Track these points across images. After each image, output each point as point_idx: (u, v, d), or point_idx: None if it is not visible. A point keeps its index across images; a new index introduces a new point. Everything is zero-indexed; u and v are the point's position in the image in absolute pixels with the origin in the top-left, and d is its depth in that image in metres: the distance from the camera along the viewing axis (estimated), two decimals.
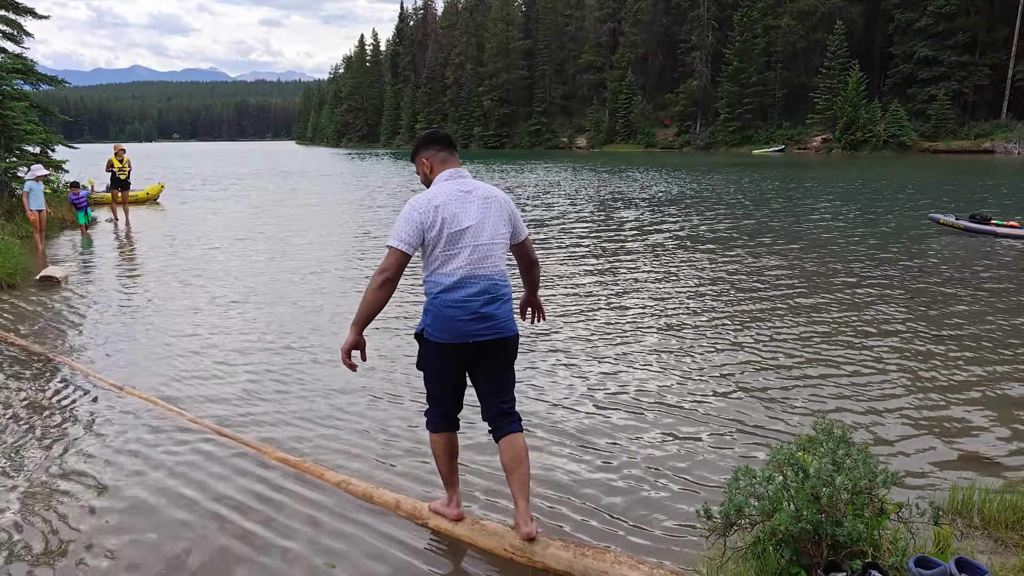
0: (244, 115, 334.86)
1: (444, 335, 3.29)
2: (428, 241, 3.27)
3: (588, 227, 15.68)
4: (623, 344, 6.91)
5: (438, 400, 3.52)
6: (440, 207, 3.27)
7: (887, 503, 2.93)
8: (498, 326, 3.32)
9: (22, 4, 17.08)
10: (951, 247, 12.33)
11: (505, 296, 3.38)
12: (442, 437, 3.56)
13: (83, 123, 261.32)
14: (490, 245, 3.32)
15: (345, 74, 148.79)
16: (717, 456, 4.50)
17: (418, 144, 3.53)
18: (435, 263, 3.30)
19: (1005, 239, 13.01)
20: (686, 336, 7.14)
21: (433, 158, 3.48)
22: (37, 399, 5.64)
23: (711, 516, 2.98)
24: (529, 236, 3.62)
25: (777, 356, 6.44)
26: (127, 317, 8.22)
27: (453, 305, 3.25)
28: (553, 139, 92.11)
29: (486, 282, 3.29)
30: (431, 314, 3.33)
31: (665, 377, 5.97)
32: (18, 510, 3.94)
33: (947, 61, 55.67)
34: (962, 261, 11.04)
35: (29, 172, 13.59)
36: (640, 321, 7.75)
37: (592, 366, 6.27)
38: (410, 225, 3.24)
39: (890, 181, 28.51)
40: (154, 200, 23.14)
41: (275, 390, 5.76)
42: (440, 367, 3.42)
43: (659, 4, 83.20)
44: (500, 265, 3.37)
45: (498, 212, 3.39)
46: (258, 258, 12.04)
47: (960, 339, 6.89)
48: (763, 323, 7.56)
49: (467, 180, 3.42)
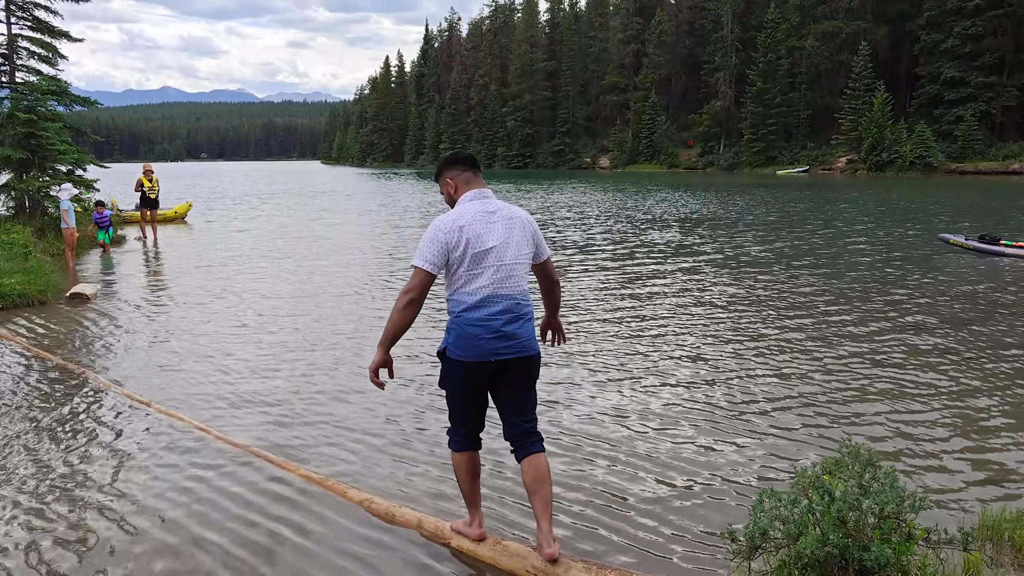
0: (271, 135, 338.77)
1: (467, 353, 3.31)
2: (452, 261, 3.30)
3: (617, 247, 15.67)
4: (649, 362, 6.87)
5: (460, 419, 3.52)
6: (465, 227, 3.30)
7: (915, 528, 2.88)
8: (520, 345, 3.33)
9: (57, 28, 17.49)
10: (966, 267, 12.17)
11: (527, 315, 3.39)
12: (464, 456, 3.56)
13: (114, 143, 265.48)
14: (513, 265, 3.34)
15: (370, 95, 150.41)
16: (742, 478, 4.45)
17: (442, 164, 3.56)
18: (459, 282, 3.32)
19: (1013, 259, 12.97)
20: (713, 356, 7.10)
21: (457, 178, 3.50)
22: (66, 413, 5.72)
23: (735, 539, 2.95)
24: (551, 257, 3.63)
25: (803, 377, 6.38)
26: (154, 334, 8.32)
27: (475, 323, 3.27)
28: (576, 159, 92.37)
29: (508, 301, 3.31)
30: (454, 332, 3.34)
31: (690, 397, 5.93)
32: (41, 524, 3.99)
33: (974, 82, 55.25)
34: (981, 282, 10.89)
35: (62, 190, 13.85)
36: (667, 340, 7.71)
37: (617, 384, 6.24)
38: (435, 245, 3.27)
39: (921, 202, 28.24)
40: (182, 219, 23.46)
41: (299, 409, 5.80)
42: (462, 385, 3.42)
43: (683, 26, 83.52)
44: (523, 285, 3.38)
45: (521, 232, 3.41)
46: (284, 278, 12.14)
47: (987, 360, 6.78)
48: (789, 344, 7.50)
49: (491, 201, 3.45)
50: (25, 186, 16.31)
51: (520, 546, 3.53)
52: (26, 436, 5.25)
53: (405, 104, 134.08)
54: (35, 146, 16.19)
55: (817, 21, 66.62)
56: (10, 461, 4.81)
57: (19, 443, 5.12)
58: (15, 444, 5.10)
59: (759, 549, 2.93)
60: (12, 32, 16.87)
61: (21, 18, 17.06)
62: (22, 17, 17.07)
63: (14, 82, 16.84)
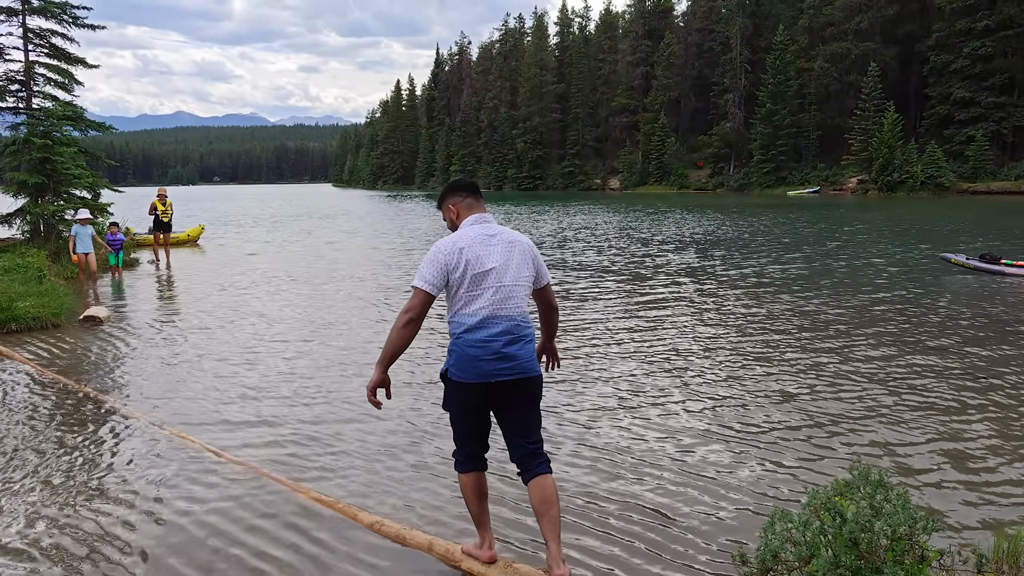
0: (283, 159, 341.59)
1: (467, 375, 3.34)
2: (452, 282, 3.36)
3: (635, 267, 15.67)
4: (659, 383, 6.86)
5: (464, 440, 3.54)
6: (464, 249, 3.37)
7: (928, 550, 2.86)
8: (520, 366, 3.36)
9: (74, 55, 17.74)
10: (977, 287, 12.10)
11: (527, 337, 3.41)
12: (470, 477, 3.57)
13: (128, 167, 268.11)
14: (513, 286, 3.38)
15: (381, 118, 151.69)
16: (753, 499, 4.43)
17: (444, 191, 3.64)
18: (458, 303, 3.37)
19: (1014, 278, 13.08)
20: (723, 377, 7.08)
21: (459, 204, 3.58)
22: (74, 434, 5.75)
23: (746, 561, 2.94)
24: (551, 283, 3.67)
25: (813, 398, 6.35)
26: (166, 358, 8.36)
27: (475, 345, 3.31)
28: (586, 181, 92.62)
29: (508, 323, 3.35)
30: (455, 354, 3.38)
31: (702, 416, 5.91)
32: (55, 543, 4.01)
33: (984, 102, 55.16)
34: (990, 302, 10.83)
35: (76, 215, 14.00)
36: (678, 361, 7.70)
37: (630, 402, 6.23)
38: (435, 267, 3.34)
39: (933, 223, 28.15)
40: (194, 242, 23.64)
41: (308, 433, 5.80)
42: (464, 407, 3.45)
43: (691, 48, 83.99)
44: (522, 307, 3.42)
45: (521, 255, 3.46)
46: (295, 301, 12.19)
47: (1000, 382, 6.73)
48: (800, 364, 7.47)
49: (492, 225, 3.51)
50: (40, 210, 16.48)
51: (531, 568, 3.52)
52: (35, 456, 5.28)
53: (416, 127, 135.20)
54: (50, 171, 16.37)
55: (826, 43, 66.83)
56: (18, 478, 4.84)
57: (27, 462, 5.15)
58: (25, 463, 5.13)
59: (771, 571, 2.91)
60: (29, 60, 17.12)
61: (39, 46, 17.32)
62: (39, 45, 17.33)
63: (31, 108, 17.06)
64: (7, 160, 16.86)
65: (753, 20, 75.65)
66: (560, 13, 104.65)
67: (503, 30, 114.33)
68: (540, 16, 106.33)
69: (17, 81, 17.15)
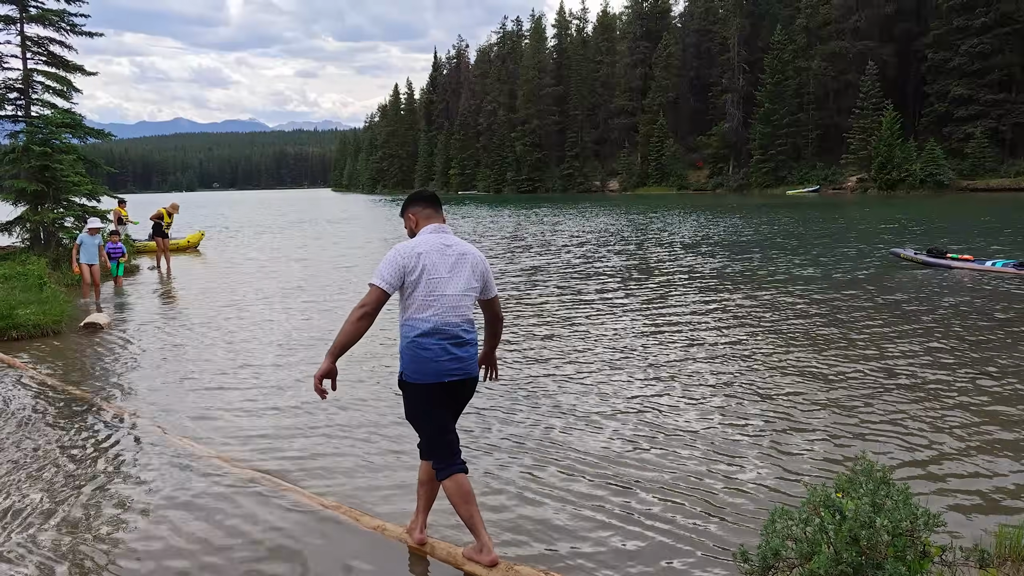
0: (282, 164, 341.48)
1: (425, 376, 3.53)
2: (407, 284, 3.55)
3: (636, 267, 15.68)
4: (659, 381, 6.86)
5: (435, 444, 3.68)
6: (422, 255, 3.57)
7: (930, 545, 2.86)
8: (467, 367, 3.60)
9: (72, 62, 17.76)
10: (968, 283, 12.10)
11: (472, 341, 3.65)
12: (453, 482, 3.64)
13: (127, 174, 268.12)
14: (462, 296, 3.60)
15: (380, 122, 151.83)
16: (753, 497, 4.42)
17: (407, 200, 3.86)
18: (412, 307, 3.56)
19: (959, 270, 13.70)
20: (724, 373, 7.07)
21: (419, 214, 3.79)
22: (75, 440, 5.75)
23: (747, 559, 2.94)
24: (497, 296, 3.88)
25: (814, 396, 6.34)
26: (168, 363, 8.37)
27: (428, 347, 3.51)
28: (585, 183, 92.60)
29: (455, 328, 3.56)
30: (407, 356, 3.57)
31: (700, 414, 5.91)
32: (57, 549, 4.01)
33: (983, 99, 55.13)
34: (985, 297, 10.83)
35: (87, 224, 13.79)
36: (678, 360, 7.69)
37: (626, 402, 6.23)
38: (392, 267, 3.53)
39: (930, 220, 28.15)
40: (194, 248, 23.66)
41: (310, 438, 5.80)
42: (425, 408, 3.61)
43: (689, 49, 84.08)
44: (468, 315, 3.64)
45: (471, 268, 3.67)
46: (297, 307, 12.18)
47: (1005, 378, 6.73)
48: (800, 362, 7.47)
49: (448, 235, 3.72)
50: (40, 218, 16.49)
51: (532, 570, 3.51)
52: (37, 463, 5.28)
53: (414, 131, 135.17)
54: (49, 178, 16.39)
55: (823, 42, 66.91)
56: (19, 485, 4.83)
57: (29, 470, 5.14)
58: (28, 471, 5.13)
59: (772, 569, 2.90)
60: (28, 67, 17.13)
61: (37, 53, 17.34)
62: (37, 52, 17.35)
63: (29, 115, 17.08)
64: (6, 168, 16.86)
65: (750, 20, 75.74)
66: (557, 15, 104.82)
67: (500, 33, 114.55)
68: (538, 19, 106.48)
69: (16, 89, 17.17)
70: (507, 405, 6.39)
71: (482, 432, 5.72)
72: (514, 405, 6.39)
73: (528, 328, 9.64)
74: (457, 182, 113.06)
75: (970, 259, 14.05)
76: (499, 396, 6.61)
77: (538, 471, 4.92)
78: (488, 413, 6.17)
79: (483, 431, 5.75)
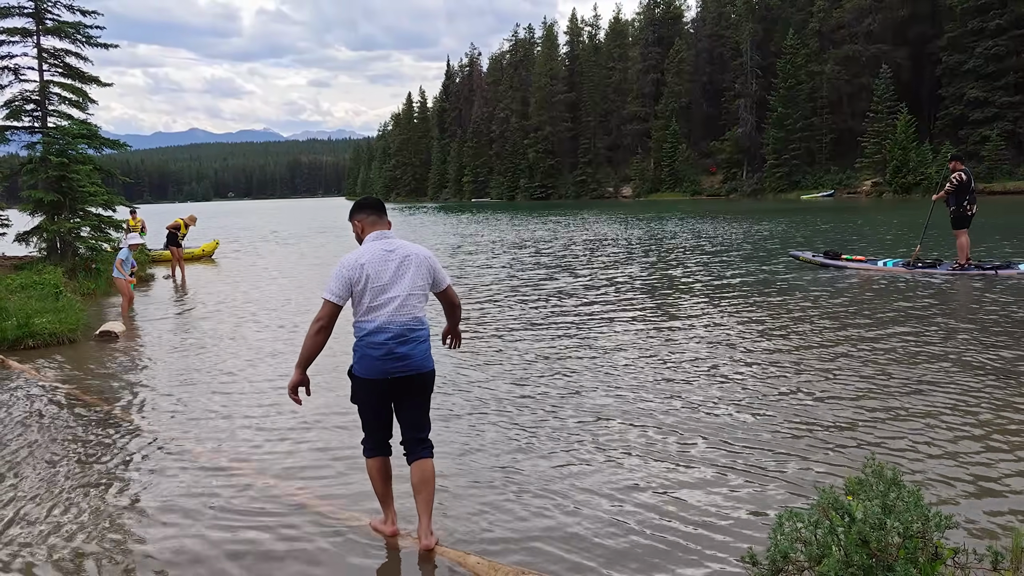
0: (296, 173, 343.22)
1: (369, 372, 3.83)
2: (355, 293, 3.82)
3: (648, 272, 15.65)
4: (669, 385, 6.82)
5: (370, 428, 4.02)
6: (365, 264, 3.82)
7: (942, 547, 2.83)
8: (411, 364, 3.85)
9: (87, 73, 17.95)
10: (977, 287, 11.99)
11: (419, 338, 3.89)
12: (376, 462, 4.04)
13: (143, 185, 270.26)
14: (407, 296, 3.84)
15: (393, 131, 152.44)
16: (762, 499, 4.39)
17: (352, 208, 4.10)
18: (360, 311, 3.84)
19: (853, 271, 14.40)
20: (734, 375, 7.03)
21: (364, 220, 4.03)
22: (93, 450, 5.79)
23: (756, 562, 2.92)
24: (451, 284, 4.15)
25: (824, 398, 6.29)
26: (182, 372, 8.42)
27: (373, 347, 3.80)
28: (599, 189, 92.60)
29: (401, 327, 3.81)
30: (357, 354, 3.87)
31: (709, 415, 5.87)
32: (69, 557, 4.03)
33: (999, 102, 54.66)
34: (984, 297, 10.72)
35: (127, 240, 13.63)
36: (687, 362, 7.66)
37: (636, 401, 6.20)
38: (339, 281, 3.80)
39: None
40: (209, 256, 23.82)
41: (318, 447, 5.82)
42: (367, 400, 3.94)
43: (702, 55, 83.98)
44: (415, 313, 3.88)
45: (416, 268, 3.90)
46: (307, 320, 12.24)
47: (1015, 379, 6.66)
48: (810, 365, 7.41)
49: (392, 240, 3.96)
50: (56, 228, 16.64)
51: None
52: (52, 470, 5.33)
53: (428, 139, 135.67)
54: (66, 188, 16.55)
55: (836, 46, 66.63)
56: (31, 492, 4.87)
57: (40, 475, 5.19)
58: (38, 476, 5.17)
59: (781, 572, 2.88)
60: (44, 79, 17.32)
61: (53, 65, 17.52)
62: (54, 64, 17.54)
63: (46, 127, 17.26)
64: (24, 179, 17.04)
65: (763, 25, 75.56)
66: (569, 22, 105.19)
67: (513, 40, 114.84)
68: (550, 26, 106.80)
69: (33, 100, 17.34)
70: (513, 400, 6.38)
71: (485, 431, 5.71)
72: (520, 400, 6.38)
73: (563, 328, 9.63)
74: (470, 189, 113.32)
75: (862, 260, 14.93)
76: (501, 394, 6.60)
77: (541, 471, 4.91)
78: (488, 413, 6.16)
79: (484, 431, 5.74)
